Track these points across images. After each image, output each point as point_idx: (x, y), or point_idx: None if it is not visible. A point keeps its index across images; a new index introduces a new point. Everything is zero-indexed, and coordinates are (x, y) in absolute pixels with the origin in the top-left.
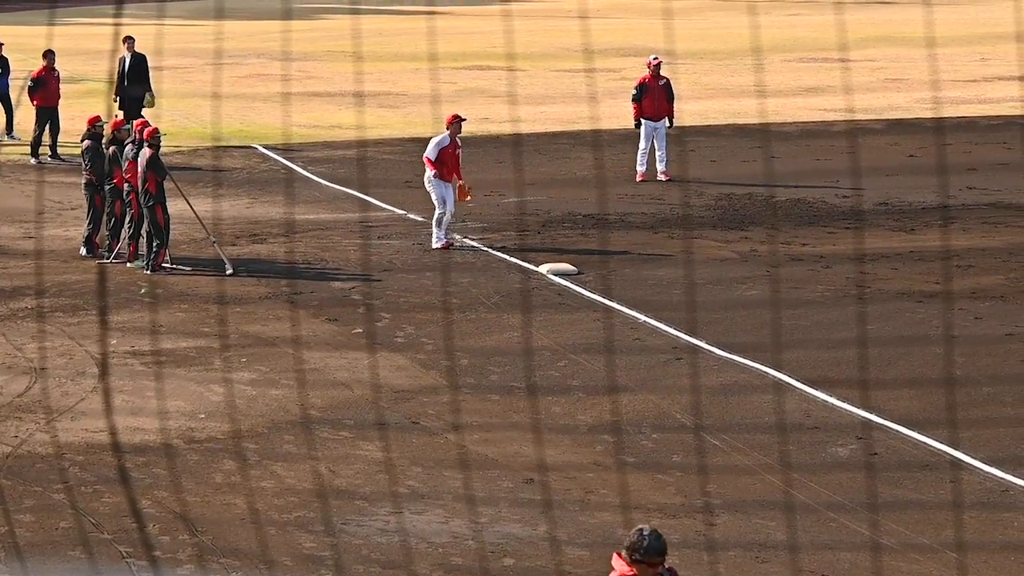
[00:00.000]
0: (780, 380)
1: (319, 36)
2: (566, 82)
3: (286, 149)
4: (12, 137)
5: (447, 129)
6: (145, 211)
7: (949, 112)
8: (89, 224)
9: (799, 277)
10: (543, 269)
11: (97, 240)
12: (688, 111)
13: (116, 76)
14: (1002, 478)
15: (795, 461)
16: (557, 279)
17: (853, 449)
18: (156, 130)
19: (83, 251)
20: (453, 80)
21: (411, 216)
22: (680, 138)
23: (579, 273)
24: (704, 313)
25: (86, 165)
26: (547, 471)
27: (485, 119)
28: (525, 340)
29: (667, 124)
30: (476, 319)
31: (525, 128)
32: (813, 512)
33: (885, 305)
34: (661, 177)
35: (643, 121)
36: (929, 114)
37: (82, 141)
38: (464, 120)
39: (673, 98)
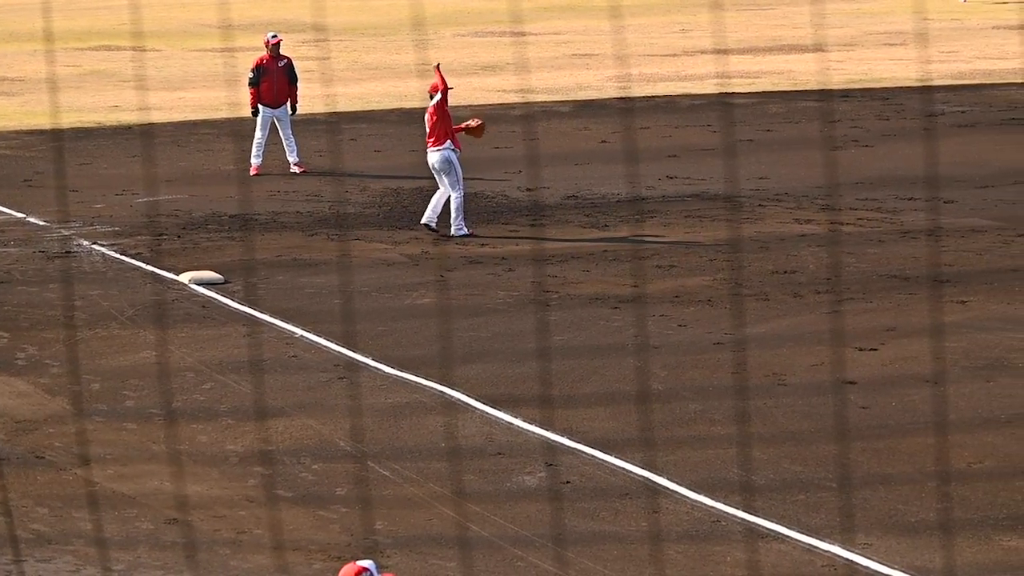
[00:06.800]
0: (457, 400)
1: None
2: (207, 63)
3: None
4: None
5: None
6: None
7: (646, 91)
8: None
9: (477, 282)
10: (184, 278)
11: None
12: (346, 94)
13: None
14: (712, 507)
15: (476, 491)
16: (200, 289)
17: (542, 477)
18: None
19: None
20: (77, 63)
21: (31, 220)
22: (338, 125)
23: (225, 282)
24: (369, 325)
25: None
26: (192, 509)
27: (115, 107)
28: (164, 359)
29: (289, 111)
30: (108, 336)
31: (160, 117)
32: (497, 549)
33: (575, 312)
34: (295, 170)
35: (261, 108)
36: (622, 94)
37: None
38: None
39: (296, 80)
